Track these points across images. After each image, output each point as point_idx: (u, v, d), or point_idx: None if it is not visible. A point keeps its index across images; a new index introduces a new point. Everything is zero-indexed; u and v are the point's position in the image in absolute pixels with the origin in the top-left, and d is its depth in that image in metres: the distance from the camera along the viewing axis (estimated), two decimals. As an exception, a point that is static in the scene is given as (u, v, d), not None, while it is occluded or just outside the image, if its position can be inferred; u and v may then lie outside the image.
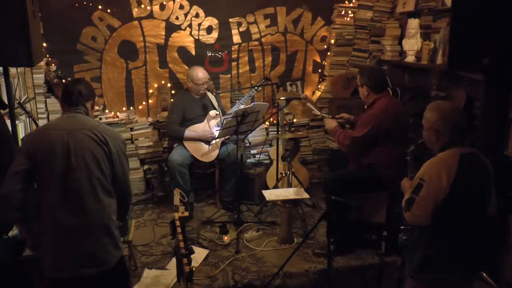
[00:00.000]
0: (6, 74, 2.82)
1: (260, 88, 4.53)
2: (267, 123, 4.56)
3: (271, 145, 4.62)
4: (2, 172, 2.35)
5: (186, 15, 4.39)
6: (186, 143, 4.03)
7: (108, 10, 4.19)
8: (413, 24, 4.02)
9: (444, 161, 2.13)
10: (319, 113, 3.87)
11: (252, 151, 4.66)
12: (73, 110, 2.15)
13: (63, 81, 4.06)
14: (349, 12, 4.66)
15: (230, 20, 4.50)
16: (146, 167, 4.43)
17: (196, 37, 4.46)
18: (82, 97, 2.17)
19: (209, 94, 4.22)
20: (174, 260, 2.39)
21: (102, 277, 2.06)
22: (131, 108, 4.49)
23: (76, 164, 2.01)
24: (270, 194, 3.49)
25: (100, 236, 2.06)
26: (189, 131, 4.03)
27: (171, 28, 4.38)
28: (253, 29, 4.58)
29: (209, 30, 4.48)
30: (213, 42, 4.51)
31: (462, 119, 2.20)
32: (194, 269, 2.07)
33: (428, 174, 2.12)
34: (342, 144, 3.37)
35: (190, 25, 4.42)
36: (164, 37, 4.39)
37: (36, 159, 2.02)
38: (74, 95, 2.16)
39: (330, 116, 3.81)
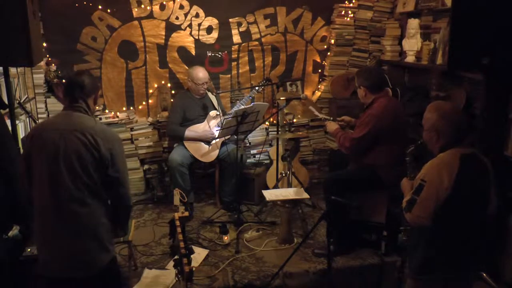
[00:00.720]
0: (6, 74, 2.82)
1: (261, 88, 4.53)
2: (267, 123, 4.56)
3: (271, 145, 4.62)
4: (3, 172, 2.36)
5: (186, 15, 4.39)
6: (186, 143, 4.03)
7: (108, 10, 4.19)
8: (413, 24, 4.02)
9: (445, 162, 2.12)
10: (320, 116, 3.86)
11: (252, 151, 4.66)
12: (72, 108, 2.11)
13: (63, 81, 4.06)
14: (349, 12, 4.66)
15: (230, 20, 4.50)
16: (146, 167, 4.43)
17: (196, 37, 4.46)
18: (84, 92, 2.11)
19: (209, 94, 4.22)
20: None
21: (90, 280, 2.05)
22: (131, 108, 4.50)
23: (64, 168, 1.98)
24: (270, 194, 3.49)
25: (87, 239, 2.04)
26: (189, 131, 4.03)
27: (171, 28, 4.38)
28: (253, 29, 4.58)
29: (209, 30, 4.48)
30: (213, 42, 4.51)
31: (462, 119, 2.20)
32: (194, 269, 2.07)
33: (429, 175, 2.12)
34: (342, 146, 3.36)
35: (190, 25, 4.42)
36: (164, 37, 4.39)
37: (31, 160, 2.03)
38: (76, 90, 2.10)
39: (331, 118, 3.80)
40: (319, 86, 4.90)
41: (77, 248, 2.02)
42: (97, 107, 2.30)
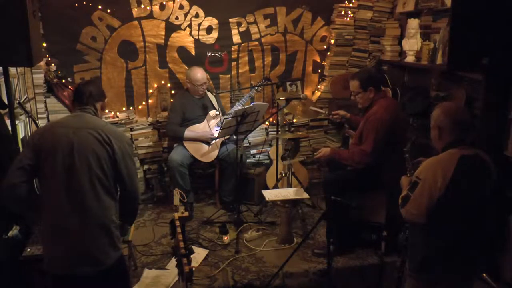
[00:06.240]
0: (6, 74, 2.82)
1: (260, 88, 4.53)
2: (267, 123, 4.56)
3: (271, 145, 4.62)
4: (2, 172, 2.36)
5: (186, 15, 4.39)
6: (186, 143, 4.03)
7: (108, 10, 4.19)
8: (413, 24, 4.02)
9: (441, 162, 2.13)
10: (322, 111, 3.87)
11: (252, 151, 4.66)
12: (82, 109, 2.19)
13: (63, 81, 4.07)
14: (349, 12, 4.66)
15: (230, 20, 4.50)
16: (146, 167, 4.43)
17: (196, 37, 4.46)
18: (93, 97, 2.22)
19: (209, 94, 4.22)
20: (174, 260, 2.40)
21: (99, 276, 2.07)
22: (131, 108, 4.49)
23: (79, 163, 2.02)
24: (270, 194, 3.49)
25: (99, 235, 2.06)
26: (189, 131, 4.03)
27: (171, 28, 4.38)
28: (253, 29, 4.58)
29: (209, 30, 4.48)
30: (213, 42, 4.51)
31: (466, 119, 2.20)
32: (194, 269, 2.07)
33: (425, 173, 2.13)
34: (360, 163, 3.18)
35: (190, 25, 4.42)
36: (164, 37, 4.39)
37: (40, 155, 2.04)
38: (85, 95, 2.21)
39: (326, 112, 3.80)
40: (319, 86, 4.90)
41: (88, 244, 2.04)
42: (103, 113, 2.36)
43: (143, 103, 4.52)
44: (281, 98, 3.93)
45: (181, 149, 4.02)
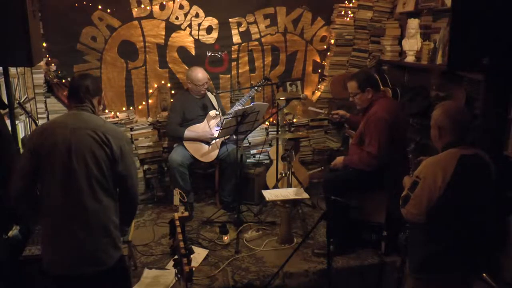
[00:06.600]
0: (6, 74, 2.82)
1: (260, 88, 4.53)
2: (267, 123, 4.56)
3: (271, 145, 4.62)
4: (3, 171, 2.36)
5: (186, 15, 4.39)
6: (186, 143, 4.03)
7: (108, 10, 4.19)
8: (413, 24, 4.02)
9: (441, 162, 2.13)
10: (321, 111, 3.87)
11: (252, 151, 4.66)
12: (79, 107, 2.15)
13: (63, 81, 4.07)
14: (349, 12, 4.66)
15: (230, 20, 4.50)
16: (146, 167, 4.42)
17: (196, 37, 4.46)
18: (89, 93, 2.16)
19: (209, 94, 4.22)
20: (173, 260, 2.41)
21: (100, 276, 2.07)
22: (131, 108, 4.49)
23: (77, 163, 2.01)
24: (270, 194, 3.48)
25: (99, 236, 2.06)
26: (189, 131, 4.03)
27: (171, 28, 4.38)
28: (253, 29, 4.58)
29: (209, 30, 4.48)
30: (213, 42, 4.51)
31: (466, 119, 2.20)
32: (194, 269, 2.07)
33: (424, 173, 2.14)
34: (369, 165, 3.19)
35: (190, 25, 4.42)
36: (164, 37, 4.39)
37: (39, 156, 2.03)
38: (81, 91, 2.15)
39: (326, 112, 3.78)
40: (319, 86, 4.90)
41: (89, 245, 2.04)
42: (101, 107, 2.32)
43: (143, 103, 4.52)
44: (281, 98, 3.93)
45: (181, 149, 4.02)
